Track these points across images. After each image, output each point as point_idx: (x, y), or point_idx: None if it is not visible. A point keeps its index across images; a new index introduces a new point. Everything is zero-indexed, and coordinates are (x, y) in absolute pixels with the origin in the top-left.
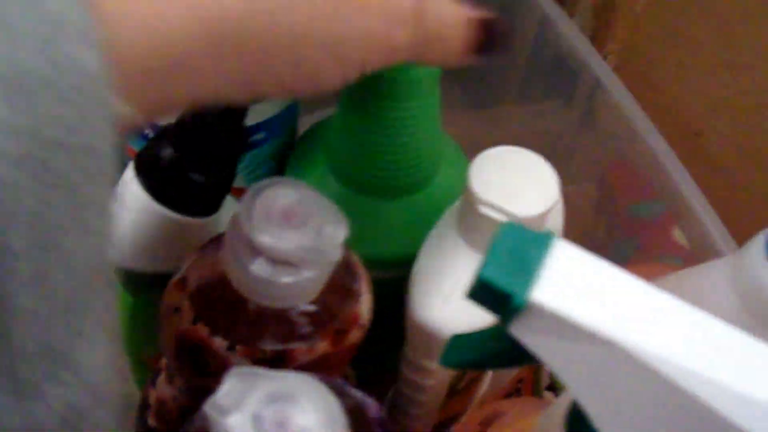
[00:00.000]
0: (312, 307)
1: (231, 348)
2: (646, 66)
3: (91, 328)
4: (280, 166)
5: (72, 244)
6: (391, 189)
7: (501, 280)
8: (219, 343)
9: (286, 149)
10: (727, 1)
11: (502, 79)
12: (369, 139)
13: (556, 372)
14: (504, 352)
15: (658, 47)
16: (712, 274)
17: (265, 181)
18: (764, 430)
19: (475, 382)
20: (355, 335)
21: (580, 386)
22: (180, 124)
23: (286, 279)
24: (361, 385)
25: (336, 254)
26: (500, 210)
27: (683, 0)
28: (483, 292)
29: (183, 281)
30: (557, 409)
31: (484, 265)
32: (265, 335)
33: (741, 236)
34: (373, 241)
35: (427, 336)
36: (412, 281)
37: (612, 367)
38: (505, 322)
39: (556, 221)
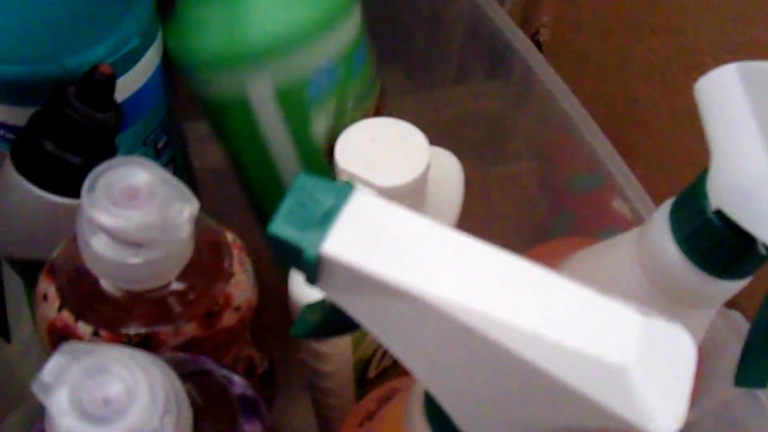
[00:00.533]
0: (177, 287)
1: (95, 334)
2: (577, 37)
3: None
4: (155, 152)
5: None
6: None
7: (290, 233)
8: (83, 329)
9: (161, 132)
10: None
11: (440, 62)
12: None
13: (369, 329)
14: (332, 317)
15: (586, 16)
16: (619, 248)
17: (111, 161)
18: (559, 367)
19: (393, 369)
20: (229, 317)
21: (395, 343)
22: (51, 107)
23: (135, 260)
24: None
25: (183, 232)
26: (363, 181)
27: None
28: (280, 249)
29: (51, 268)
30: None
31: (274, 220)
32: (128, 320)
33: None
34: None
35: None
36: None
37: (416, 319)
38: (310, 280)
39: (451, 193)
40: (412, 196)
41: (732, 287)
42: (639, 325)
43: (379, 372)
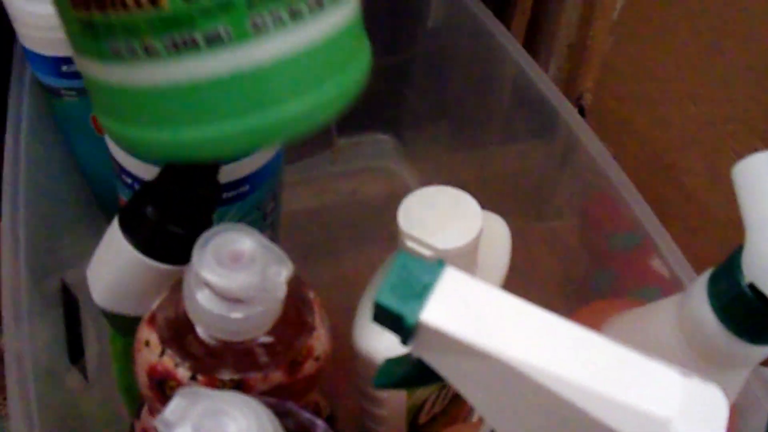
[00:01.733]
0: (267, 339)
1: (193, 378)
2: (617, 102)
3: None
4: (263, 215)
5: None
6: None
7: (394, 304)
8: (183, 373)
9: (271, 198)
10: (688, 36)
11: (488, 121)
12: None
13: (457, 386)
14: (418, 371)
15: (627, 84)
16: (661, 312)
17: (217, 227)
18: None
19: (443, 415)
20: (310, 366)
21: (478, 400)
22: (159, 181)
23: (236, 314)
24: None
25: (280, 291)
26: (424, 244)
27: (648, 36)
28: (382, 316)
29: (153, 318)
30: None
31: (380, 291)
32: (223, 366)
33: (712, 264)
34: None
35: (370, 364)
36: (357, 312)
37: (498, 380)
38: (405, 341)
39: (499, 254)
40: (466, 257)
41: (765, 351)
42: (680, 384)
43: (430, 418)
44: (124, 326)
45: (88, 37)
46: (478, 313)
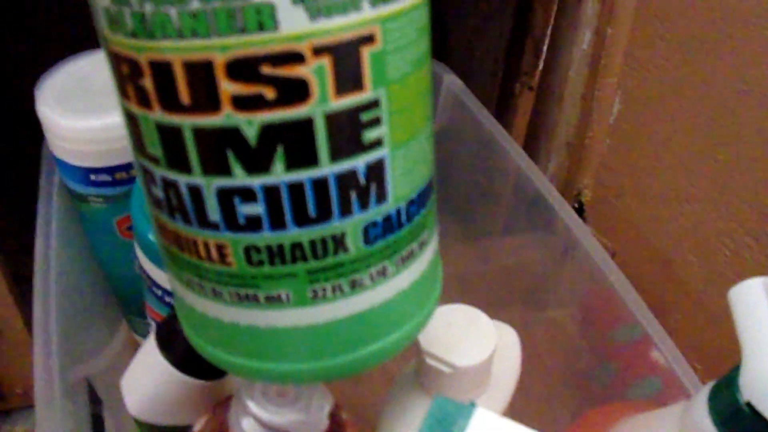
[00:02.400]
0: None
1: None
2: (615, 199)
3: None
4: None
5: None
6: None
7: None
8: None
9: None
10: (682, 140)
11: (490, 214)
12: None
13: None
14: None
15: (624, 182)
16: (666, 422)
17: None
18: None
19: None
20: None
21: None
22: None
23: None
24: None
25: (323, 425)
26: (444, 362)
27: (644, 138)
28: None
29: None
30: None
31: None
32: None
33: (714, 360)
34: None
35: None
36: (377, 429)
37: None
38: None
39: (511, 362)
40: (482, 371)
41: None
42: None
43: None
44: None
45: (169, 259)
46: None
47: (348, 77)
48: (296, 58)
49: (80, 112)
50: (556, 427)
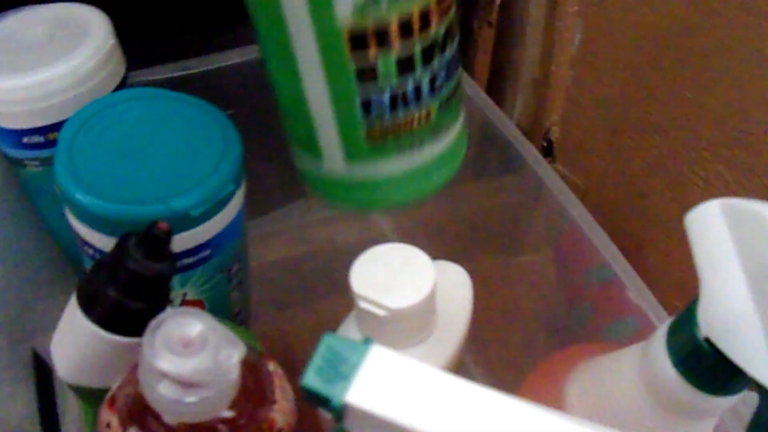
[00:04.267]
0: (228, 414)
1: None
2: (584, 134)
3: None
4: (228, 276)
5: None
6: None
7: (319, 386)
8: None
9: (235, 260)
10: (647, 66)
11: None
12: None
13: None
14: None
15: (592, 115)
16: (625, 362)
17: (166, 313)
18: None
19: None
20: None
21: None
22: (113, 256)
23: (190, 399)
24: None
25: (232, 374)
26: (378, 304)
27: (607, 68)
28: (310, 397)
29: (113, 399)
30: None
31: (305, 374)
32: None
33: (687, 290)
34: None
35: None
36: None
37: None
38: (338, 421)
39: (460, 304)
40: (422, 313)
41: (727, 402)
42: None
43: None
44: (91, 397)
45: None
46: (404, 391)
47: None
48: None
49: (5, 71)
50: None
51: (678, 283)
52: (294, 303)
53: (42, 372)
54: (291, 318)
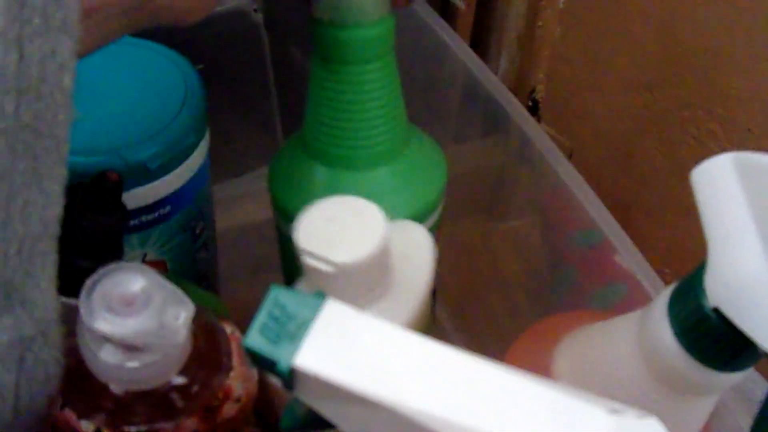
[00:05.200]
0: (178, 382)
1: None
2: (571, 94)
3: (40, 272)
4: (192, 236)
5: (31, 200)
6: (353, 160)
7: (264, 347)
8: (86, 427)
9: (199, 218)
10: (638, 21)
11: (439, 122)
12: (327, 108)
13: (341, 429)
14: (314, 416)
15: (579, 73)
16: (620, 332)
17: (107, 267)
18: None
19: None
20: (229, 409)
21: None
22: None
23: (132, 364)
24: None
25: (180, 336)
26: (322, 259)
27: (597, 23)
28: (255, 361)
29: None
30: None
31: (248, 333)
32: (131, 417)
33: (684, 263)
34: None
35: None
36: None
37: (385, 423)
38: (287, 387)
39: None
40: (372, 270)
41: (732, 379)
42: (608, 425)
43: None
44: None
45: None
46: (361, 353)
47: None
48: None
49: None
50: None
51: (669, 248)
52: (267, 269)
53: None
54: (264, 284)
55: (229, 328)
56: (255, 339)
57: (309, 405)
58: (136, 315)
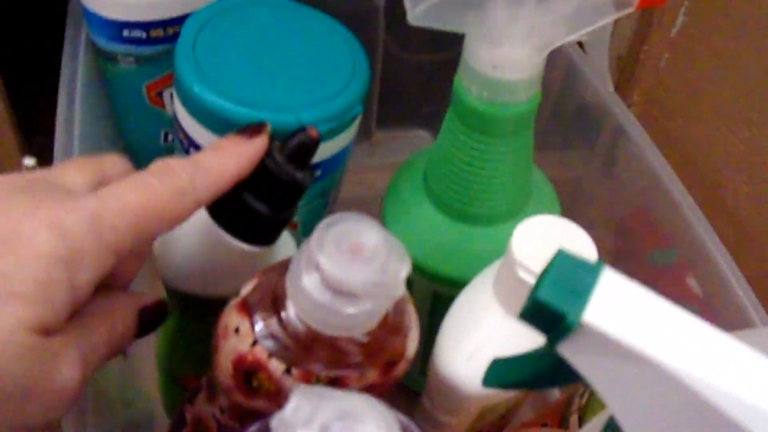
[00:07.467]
0: (365, 338)
1: (287, 371)
2: (666, 119)
3: None
4: (325, 203)
5: None
6: (483, 217)
7: (555, 301)
8: (276, 365)
9: (335, 187)
10: (747, 60)
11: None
12: (463, 170)
13: (599, 390)
14: (545, 374)
15: (679, 101)
16: None
17: (338, 215)
18: None
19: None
20: (402, 368)
21: (621, 404)
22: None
23: (349, 310)
24: None
25: (398, 290)
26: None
27: (705, 56)
28: (537, 313)
29: (244, 303)
30: None
31: (538, 287)
32: (320, 361)
33: (755, 289)
34: (463, 264)
35: (447, 392)
36: (441, 334)
37: (652, 387)
38: (554, 341)
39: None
40: None
41: None
42: None
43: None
44: (192, 307)
45: None
46: (636, 316)
47: None
48: None
49: None
50: None
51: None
52: None
53: None
54: None
55: (406, 293)
56: (547, 293)
57: (572, 363)
58: (364, 264)
